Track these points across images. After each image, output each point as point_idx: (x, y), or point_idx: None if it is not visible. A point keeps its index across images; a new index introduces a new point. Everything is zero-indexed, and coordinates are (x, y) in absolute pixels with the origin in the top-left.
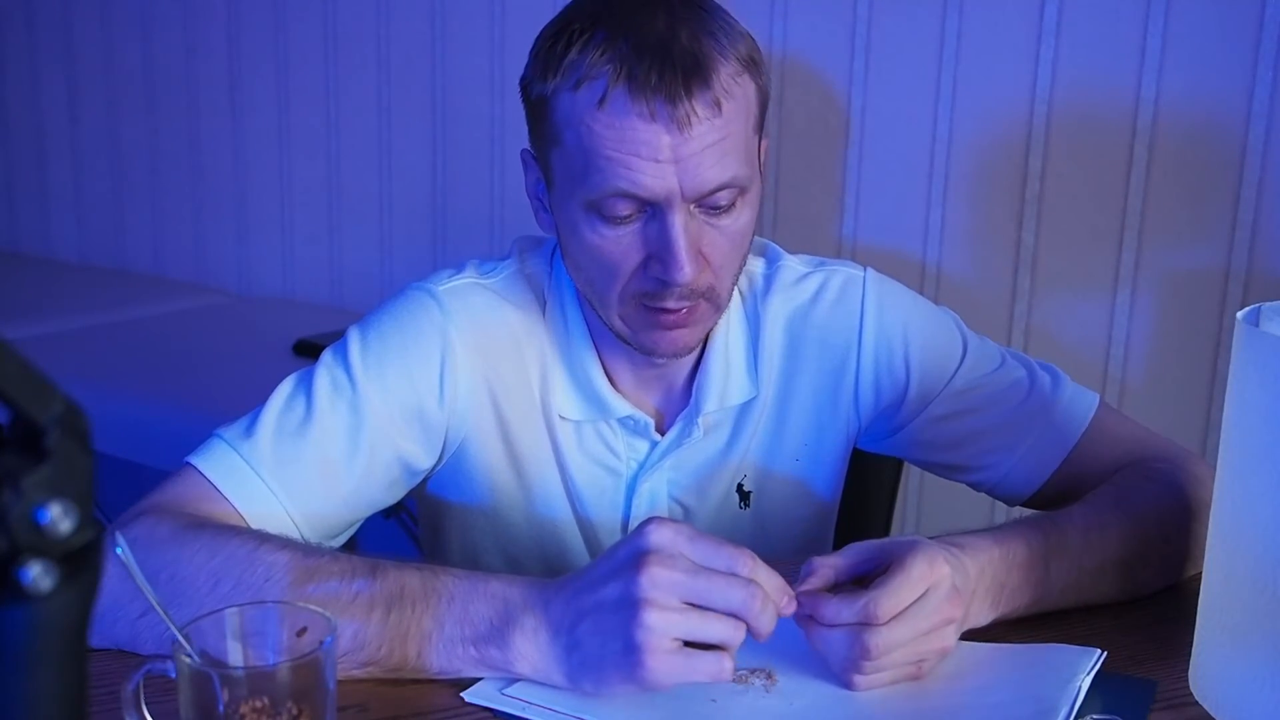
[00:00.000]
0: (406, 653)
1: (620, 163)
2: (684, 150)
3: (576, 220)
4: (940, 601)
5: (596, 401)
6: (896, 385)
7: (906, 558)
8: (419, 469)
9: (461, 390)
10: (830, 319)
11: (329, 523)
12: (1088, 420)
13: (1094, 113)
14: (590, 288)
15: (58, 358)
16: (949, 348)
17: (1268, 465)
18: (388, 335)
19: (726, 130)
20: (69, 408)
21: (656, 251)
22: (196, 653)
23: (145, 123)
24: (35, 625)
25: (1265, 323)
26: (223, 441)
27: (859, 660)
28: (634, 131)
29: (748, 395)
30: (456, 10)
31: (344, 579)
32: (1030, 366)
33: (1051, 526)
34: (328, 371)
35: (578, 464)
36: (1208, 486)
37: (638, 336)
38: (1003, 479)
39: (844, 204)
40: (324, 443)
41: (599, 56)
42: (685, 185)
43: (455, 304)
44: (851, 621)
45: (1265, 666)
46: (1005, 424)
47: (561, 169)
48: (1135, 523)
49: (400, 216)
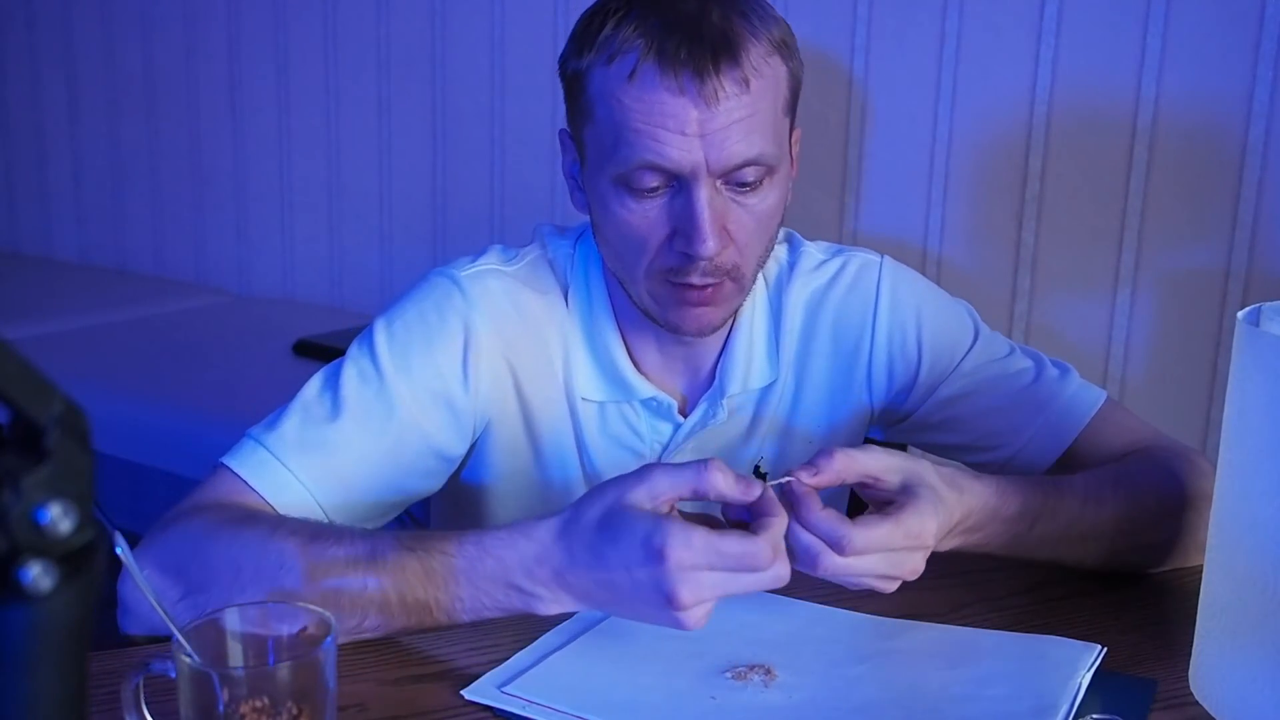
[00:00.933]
0: (436, 618)
1: (648, 135)
2: (711, 125)
3: (606, 195)
4: (915, 550)
5: (620, 383)
6: (909, 367)
7: (907, 510)
8: (452, 455)
9: (484, 374)
10: (846, 303)
11: (360, 511)
12: (1095, 409)
13: (1094, 113)
14: (619, 263)
15: (58, 358)
16: (960, 333)
17: (1268, 465)
18: (412, 323)
19: (755, 108)
20: (69, 408)
21: (681, 225)
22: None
23: (145, 123)
24: (35, 625)
25: (1265, 323)
26: (250, 439)
27: (813, 566)
28: (662, 105)
29: (769, 379)
30: (456, 10)
31: (351, 568)
32: (1040, 359)
33: (1053, 489)
34: (354, 363)
35: (600, 447)
36: (1210, 480)
37: (665, 314)
38: (1010, 460)
39: (844, 203)
40: (352, 431)
41: (631, 32)
42: (711, 159)
43: (477, 289)
44: (823, 538)
45: (1265, 666)
46: (1013, 405)
47: (593, 144)
48: (1132, 501)
49: (400, 216)
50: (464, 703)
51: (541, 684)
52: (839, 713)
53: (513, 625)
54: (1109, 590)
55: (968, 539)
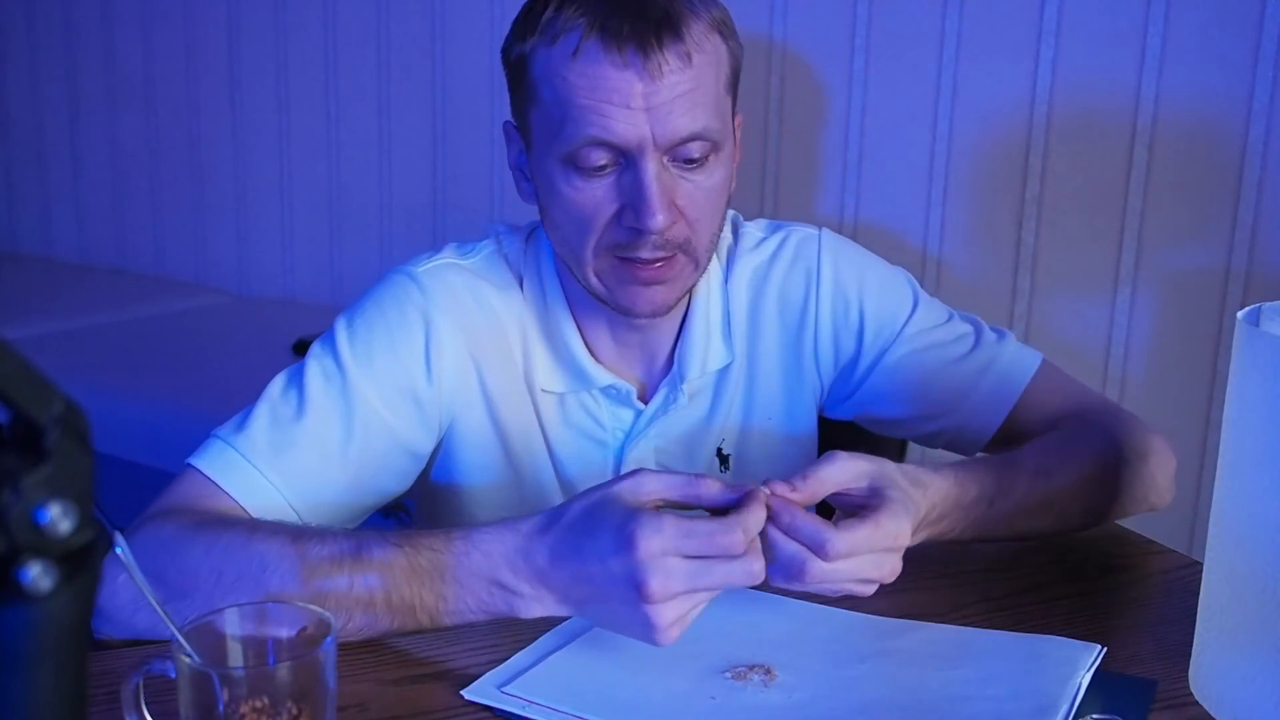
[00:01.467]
0: (419, 620)
1: (593, 109)
2: (656, 99)
3: (554, 176)
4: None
5: (577, 372)
6: (852, 336)
7: (882, 512)
8: (420, 452)
9: (448, 367)
10: (788, 279)
11: (331, 511)
12: (1032, 372)
13: (1094, 113)
14: (566, 246)
15: (58, 358)
16: (900, 300)
17: (1268, 465)
18: (372, 320)
19: (698, 82)
20: (69, 408)
21: (630, 200)
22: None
23: (145, 123)
24: (35, 625)
25: (1265, 323)
26: (218, 439)
27: (799, 574)
28: (606, 80)
29: (725, 361)
30: (456, 10)
31: (337, 567)
32: (978, 324)
33: (1005, 469)
34: (317, 362)
35: (563, 438)
36: (1139, 436)
37: (614, 295)
38: (958, 429)
39: (843, 203)
40: (318, 431)
41: (574, 11)
42: (657, 133)
43: (434, 284)
44: (802, 542)
45: (1265, 666)
46: (955, 373)
47: (540, 126)
48: (1078, 469)
49: (400, 216)
50: (464, 703)
51: (541, 684)
52: (839, 713)
53: (512, 625)
54: (1109, 590)
55: (933, 530)
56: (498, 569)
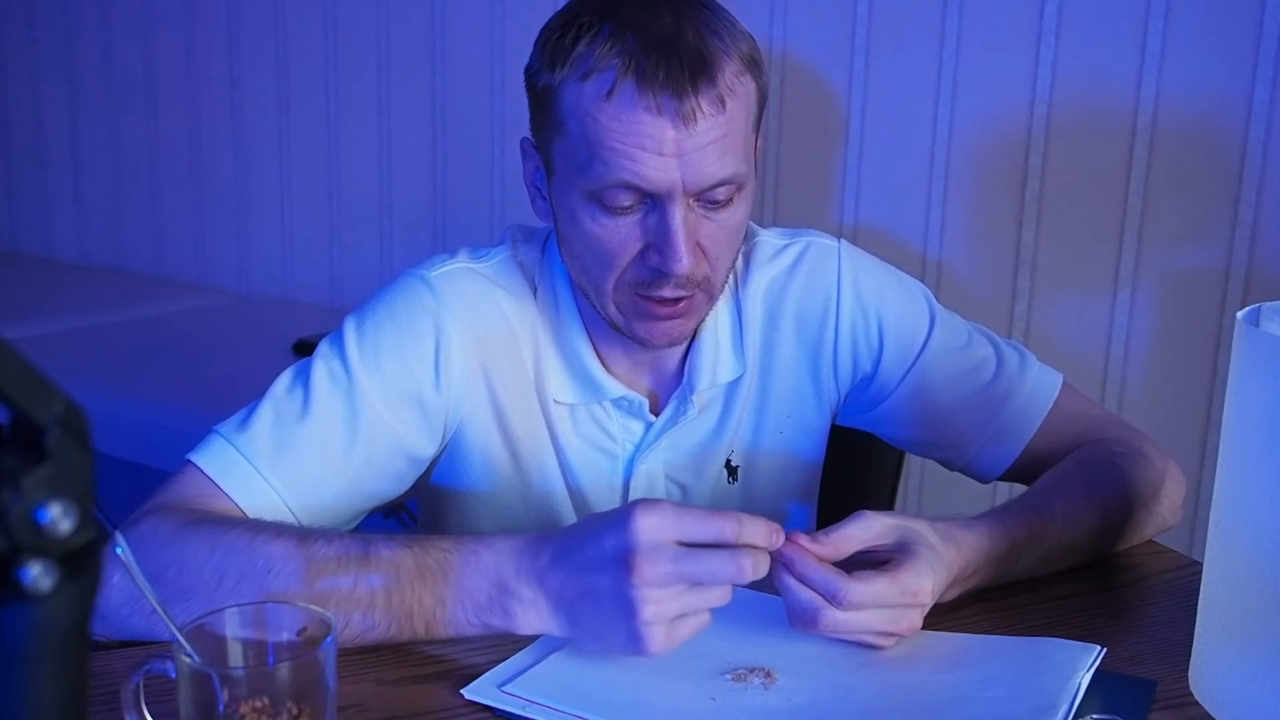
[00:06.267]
0: (415, 628)
1: (625, 155)
2: (688, 145)
3: (576, 209)
4: (912, 608)
5: (590, 384)
6: (872, 354)
7: (904, 568)
8: (422, 457)
9: (456, 374)
10: (806, 291)
11: (329, 514)
12: (1052, 400)
13: (1094, 113)
14: (585, 276)
15: (58, 358)
16: (919, 318)
17: (1268, 465)
18: (382, 323)
19: (729, 127)
20: (69, 408)
21: (655, 242)
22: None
23: (145, 123)
24: (35, 625)
25: (1265, 323)
26: (220, 437)
27: (813, 621)
28: (640, 125)
29: (736, 373)
30: (456, 10)
31: (342, 566)
32: (996, 343)
33: (1035, 519)
34: (324, 363)
35: (574, 447)
36: (1155, 470)
37: (631, 326)
38: (975, 458)
39: (843, 204)
40: (322, 433)
41: (607, 50)
42: (687, 179)
43: (447, 289)
44: (820, 590)
45: (1265, 666)
46: (976, 402)
47: (563, 158)
48: (1102, 516)
49: (400, 216)
50: (464, 703)
51: (541, 684)
52: (839, 716)
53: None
54: (1109, 590)
55: (967, 585)
56: (503, 567)
